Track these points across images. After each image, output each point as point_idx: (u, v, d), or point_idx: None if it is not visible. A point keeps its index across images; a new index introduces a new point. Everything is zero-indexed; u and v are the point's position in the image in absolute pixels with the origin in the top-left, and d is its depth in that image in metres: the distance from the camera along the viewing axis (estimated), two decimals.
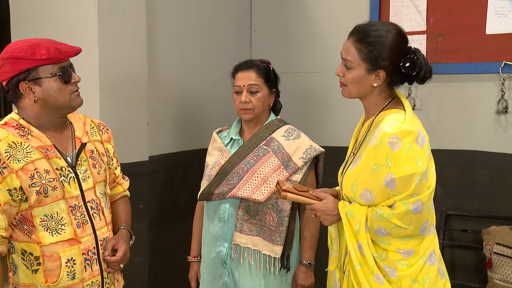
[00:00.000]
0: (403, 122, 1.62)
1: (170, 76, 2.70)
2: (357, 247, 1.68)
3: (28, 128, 1.61)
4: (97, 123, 1.86)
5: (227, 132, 2.32)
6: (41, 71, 1.58)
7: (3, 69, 1.60)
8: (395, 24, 1.74)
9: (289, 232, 2.13)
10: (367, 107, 1.79)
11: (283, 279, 2.17)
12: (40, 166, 1.58)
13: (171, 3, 2.67)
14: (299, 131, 2.22)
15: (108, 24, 2.23)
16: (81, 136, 1.74)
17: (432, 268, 1.70)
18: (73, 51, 1.65)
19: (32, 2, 2.36)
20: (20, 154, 1.57)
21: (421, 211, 1.63)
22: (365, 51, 1.67)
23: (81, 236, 1.65)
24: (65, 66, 1.62)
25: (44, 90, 1.60)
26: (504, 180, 2.68)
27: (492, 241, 2.54)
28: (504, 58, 2.61)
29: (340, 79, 1.76)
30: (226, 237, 2.18)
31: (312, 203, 1.79)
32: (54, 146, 1.64)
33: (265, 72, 2.19)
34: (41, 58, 1.57)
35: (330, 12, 3.09)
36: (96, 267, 1.69)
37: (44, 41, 1.62)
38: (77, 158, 1.69)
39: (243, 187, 2.10)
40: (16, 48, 1.59)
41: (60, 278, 1.61)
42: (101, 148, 1.81)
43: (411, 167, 1.58)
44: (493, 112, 2.67)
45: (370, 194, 1.66)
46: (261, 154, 2.14)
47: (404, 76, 1.71)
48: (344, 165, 1.83)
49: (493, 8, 2.65)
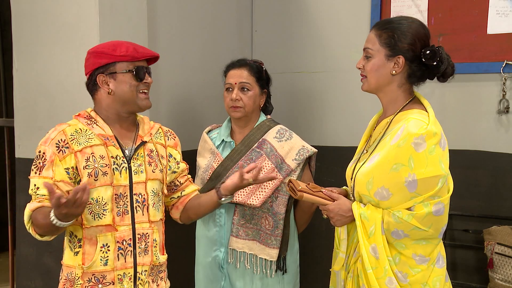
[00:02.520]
0: (428, 123, 1.60)
1: (171, 76, 2.70)
2: (370, 250, 1.65)
3: (95, 118, 1.78)
4: (165, 130, 1.95)
5: (217, 132, 2.30)
6: (118, 66, 1.73)
7: (88, 62, 1.77)
8: (417, 19, 1.72)
9: (285, 235, 2.13)
10: (386, 105, 1.76)
11: (280, 281, 2.16)
12: (97, 151, 1.71)
13: (172, 3, 2.67)
14: (290, 131, 2.20)
15: (109, 24, 2.23)
16: (144, 135, 1.83)
17: (440, 271, 1.68)
18: (150, 53, 1.79)
19: (34, 2, 2.36)
20: (82, 139, 1.72)
21: (442, 214, 1.61)
22: (385, 36, 1.66)
23: (118, 224, 1.72)
24: (140, 65, 1.76)
25: (117, 84, 1.74)
26: (506, 180, 2.67)
27: (494, 241, 2.54)
28: (505, 58, 2.61)
29: (361, 72, 1.75)
30: (222, 242, 2.18)
31: (326, 203, 1.76)
32: (115, 137, 1.76)
33: (257, 71, 2.18)
34: (119, 55, 1.72)
35: (331, 12, 3.09)
36: (130, 259, 1.74)
37: (127, 42, 1.78)
38: (134, 152, 1.78)
39: (238, 192, 2.09)
40: (101, 45, 1.78)
41: (93, 261, 1.69)
42: (162, 151, 1.88)
43: (434, 168, 1.56)
44: (494, 112, 2.67)
45: (387, 192, 1.62)
46: (254, 157, 2.13)
47: (424, 69, 1.68)
48: (356, 163, 1.80)
49: (494, 8, 2.64)
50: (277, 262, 2.13)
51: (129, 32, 2.33)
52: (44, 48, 2.35)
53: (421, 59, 1.65)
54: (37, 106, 2.41)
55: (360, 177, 1.70)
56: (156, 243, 1.82)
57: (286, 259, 2.16)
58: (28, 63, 2.42)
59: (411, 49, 1.65)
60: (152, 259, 1.80)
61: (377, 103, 3.06)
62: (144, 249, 1.77)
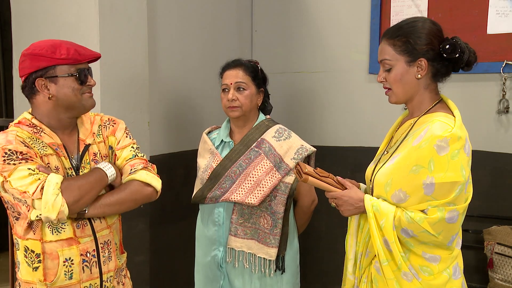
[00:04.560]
0: (453, 126, 1.55)
1: (172, 76, 2.70)
2: (383, 242, 1.62)
3: (40, 126, 1.65)
4: (104, 120, 1.84)
5: (216, 133, 2.31)
6: (58, 70, 1.62)
7: (23, 64, 1.64)
8: (425, 17, 1.68)
9: (283, 234, 2.12)
10: (412, 107, 1.71)
11: (278, 281, 2.16)
12: (52, 162, 1.62)
13: (172, 3, 2.67)
14: (289, 131, 2.20)
15: (109, 24, 2.23)
16: (85, 138, 1.74)
17: (456, 282, 1.64)
18: (92, 55, 1.69)
19: (33, 2, 2.36)
20: (37, 145, 1.61)
21: (455, 222, 1.56)
22: (400, 43, 1.62)
23: (80, 236, 1.66)
24: (82, 68, 1.66)
25: (59, 88, 1.63)
26: (505, 180, 2.67)
27: (493, 241, 2.54)
28: (505, 58, 2.61)
29: (384, 85, 1.69)
30: (221, 241, 2.18)
31: (334, 190, 1.70)
32: (63, 145, 1.67)
33: (252, 71, 2.18)
34: (60, 58, 1.61)
35: (331, 12, 3.09)
36: (95, 269, 1.69)
37: (66, 43, 1.66)
38: (81, 160, 1.70)
39: (236, 191, 2.10)
40: (38, 46, 1.63)
41: (57, 277, 1.63)
42: (104, 149, 1.79)
43: (454, 174, 1.52)
44: (494, 112, 2.67)
45: (404, 195, 1.58)
46: (253, 156, 2.13)
47: (447, 64, 1.64)
48: (376, 164, 1.76)
49: (494, 8, 2.64)
50: (276, 261, 2.13)
51: (129, 32, 2.33)
52: None
53: (442, 55, 1.62)
54: None
55: (379, 177, 1.66)
56: (116, 246, 1.79)
57: (285, 258, 2.16)
58: None
59: (430, 49, 1.61)
60: (116, 264, 1.77)
61: (377, 103, 3.07)
62: (108, 256, 1.73)
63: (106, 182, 1.65)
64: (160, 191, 1.78)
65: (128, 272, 1.90)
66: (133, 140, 1.84)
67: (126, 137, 1.83)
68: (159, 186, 1.76)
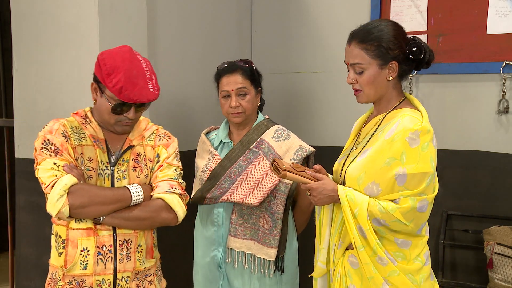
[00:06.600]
0: (422, 120, 1.64)
1: (171, 76, 2.70)
2: (358, 229, 1.68)
3: (90, 119, 1.77)
4: (161, 132, 1.88)
5: (215, 134, 2.30)
6: (106, 89, 1.67)
7: (95, 63, 1.71)
8: (386, 18, 1.76)
9: (283, 234, 2.12)
10: (378, 104, 1.78)
11: (278, 281, 2.16)
12: (86, 152, 1.71)
13: (172, 3, 2.67)
14: (288, 131, 2.20)
15: (109, 24, 2.23)
16: (133, 139, 1.80)
17: (426, 268, 1.72)
18: (141, 100, 1.67)
19: (34, 2, 2.36)
20: (76, 136, 1.72)
21: (425, 211, 1.64)
22: (373, 48, 1.68)
23: (99, 228, 1.70)
24: (122, 103, 1.66)
25: (100, 101, 1.71)
26: (505, 180, 2.68)
27: (493, 241, 2.54)
28: (505, 58, 2.61)
29: (353, 86, 1.75)
30: (220, 242, 2.18)
31: (309, 182, 1.77)
32: (105, 140, 1.75)
33: (250, 74, 2.17)
34: (108, 82, 1.64)
35: (331, 12, 3.09)
36: (110, 265, 1.71)
37: (128, 71, 1.63)
38: (120, 158, 1.75)
39: (236, 191, 2.09)
40: (108, 56, 1.67)
41: (73, 264, 1.68)
42: (151, 153, 1.82)
43: (425, 165, 1.60)
44: (494, 112, 2.67)
45: (377, 188, 1.66)
46: (252, 157, 2.13)
47: (412, 64, 1.73)
48: (345, 159, 1.82)
49: (494, 8, 2.64)
50: (275, 262, 2.13)
51: (129, 32, 2.33)
52: (44, 48, 2.35)
53: (409, 56, 1.70)
54: (37, 106, 2.41)
55: (352, 171, 1.72)
56: (141, 248, 1.78)
57: (284, 259, 2.16)
58: (28, 63, 2.42)
59: (400, 51, 1.69)
60: (135, 265, 1.76)
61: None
62: (126, 255, 1.74)
63: (128, 202, 1.69)
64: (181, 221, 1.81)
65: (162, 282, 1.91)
66: (180, 164, 1.87)
67: (175, 158, 1.86)
68: (182, 216, 1.79)
